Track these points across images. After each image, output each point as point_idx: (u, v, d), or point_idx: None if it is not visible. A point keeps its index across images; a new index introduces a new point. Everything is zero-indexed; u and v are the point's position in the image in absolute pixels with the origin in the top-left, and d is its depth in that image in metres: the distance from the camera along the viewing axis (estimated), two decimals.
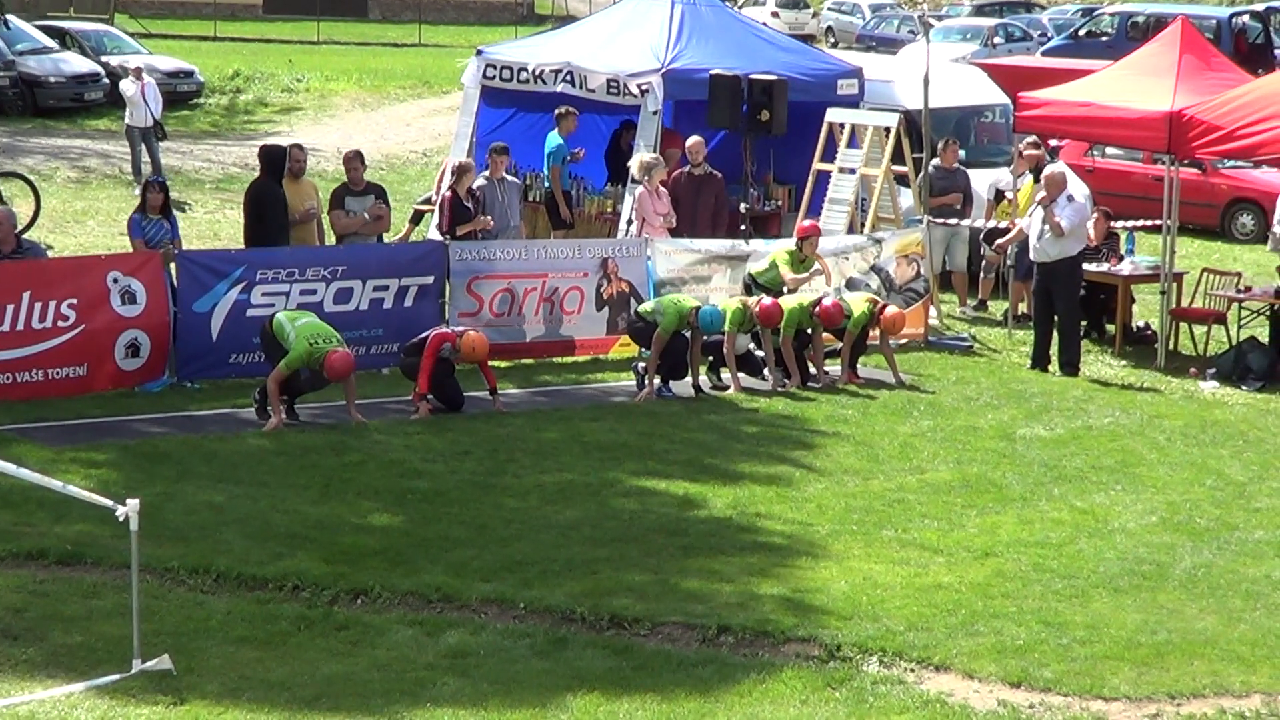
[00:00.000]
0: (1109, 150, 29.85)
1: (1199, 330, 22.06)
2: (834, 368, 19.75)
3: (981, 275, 24.12)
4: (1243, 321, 21.88)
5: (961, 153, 24.43)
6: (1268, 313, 21.50)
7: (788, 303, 19.35)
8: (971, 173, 24.10)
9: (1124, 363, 21.25)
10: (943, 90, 24.80)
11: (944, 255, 23.65)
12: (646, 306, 19.22)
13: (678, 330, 18.66)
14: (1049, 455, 16.79)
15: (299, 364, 16.84)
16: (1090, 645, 11.92)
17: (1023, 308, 22.62)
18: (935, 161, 23.57)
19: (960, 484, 15.69)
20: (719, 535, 14.17)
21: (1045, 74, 29.57)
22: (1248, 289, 22.12)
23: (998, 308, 23.63)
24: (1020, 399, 18.98)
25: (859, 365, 19.88)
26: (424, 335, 17.87)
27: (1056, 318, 20.60)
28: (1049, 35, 51.10)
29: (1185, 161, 23.22)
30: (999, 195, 23.50)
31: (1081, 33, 46.46)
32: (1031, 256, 20.79)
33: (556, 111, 23.60)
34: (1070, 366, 20.42)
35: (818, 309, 19.38)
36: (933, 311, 22.43)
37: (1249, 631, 12.31)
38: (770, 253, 20.67)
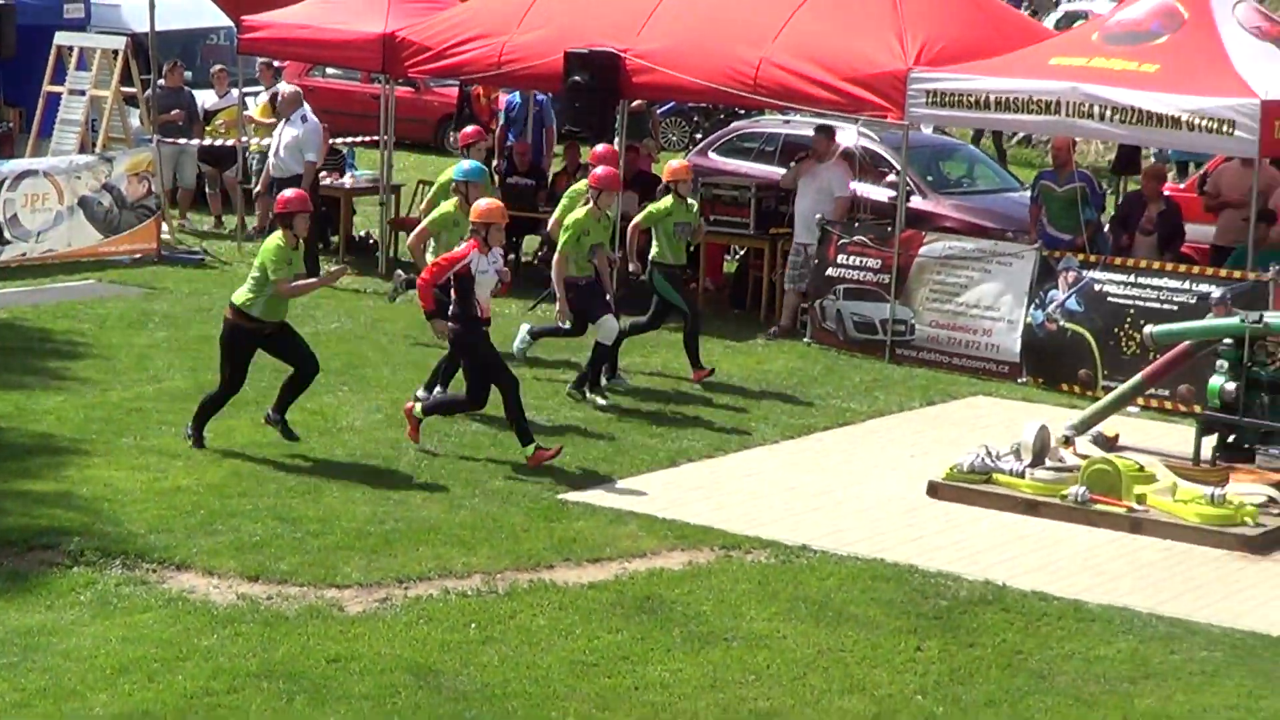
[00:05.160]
0: (329, 70, 30.69)
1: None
2: None
3: (207, 191, 24.81)
4: None
5: (188, 74, 24.96)
6: None
7: None
8: (197, 93, 24.66)
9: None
10: (169, 13, 25.07)
11: (174, 172, 24.19)
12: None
13: None
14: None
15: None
16: (323, 537, 12.49)
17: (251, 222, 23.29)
18: (161, 82, 23.95)
19: (196, 391, 15.65)
20: None
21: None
22: None
23: (229, 222, 24.27)
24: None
25: None
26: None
27: None
28: None
29: (400, 80, 24.24)
30: (208, 116, 24.35)
31: None
32: (271, 172, 21.57)
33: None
34: None
35: None
36: (164, 227, 22.78)
37: (469, 517, 13.11)
38: None
